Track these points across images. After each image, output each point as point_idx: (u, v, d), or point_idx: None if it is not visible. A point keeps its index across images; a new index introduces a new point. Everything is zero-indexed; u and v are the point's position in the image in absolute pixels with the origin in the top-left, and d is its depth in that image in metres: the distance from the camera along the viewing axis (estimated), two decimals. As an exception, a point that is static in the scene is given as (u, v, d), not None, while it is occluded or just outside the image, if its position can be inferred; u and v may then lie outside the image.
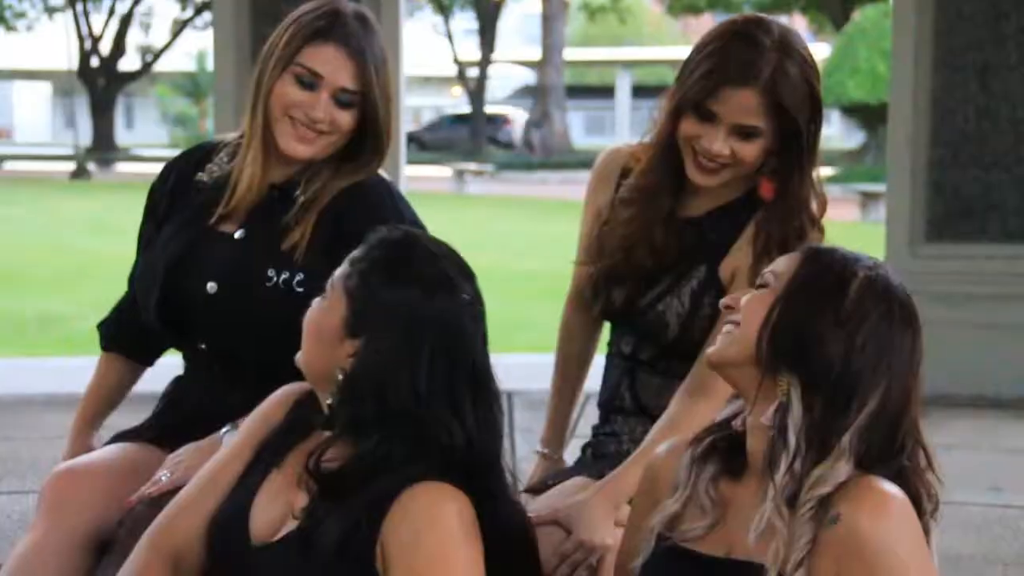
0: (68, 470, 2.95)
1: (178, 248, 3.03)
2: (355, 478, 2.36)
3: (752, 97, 2.90)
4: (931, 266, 5.47)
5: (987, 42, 5.42)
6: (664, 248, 3.04)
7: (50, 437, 4.53)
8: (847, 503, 2.22)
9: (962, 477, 4.23)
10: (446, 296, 2.42)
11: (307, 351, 2.48)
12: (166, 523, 2.54)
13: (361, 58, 2.94)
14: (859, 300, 2.32)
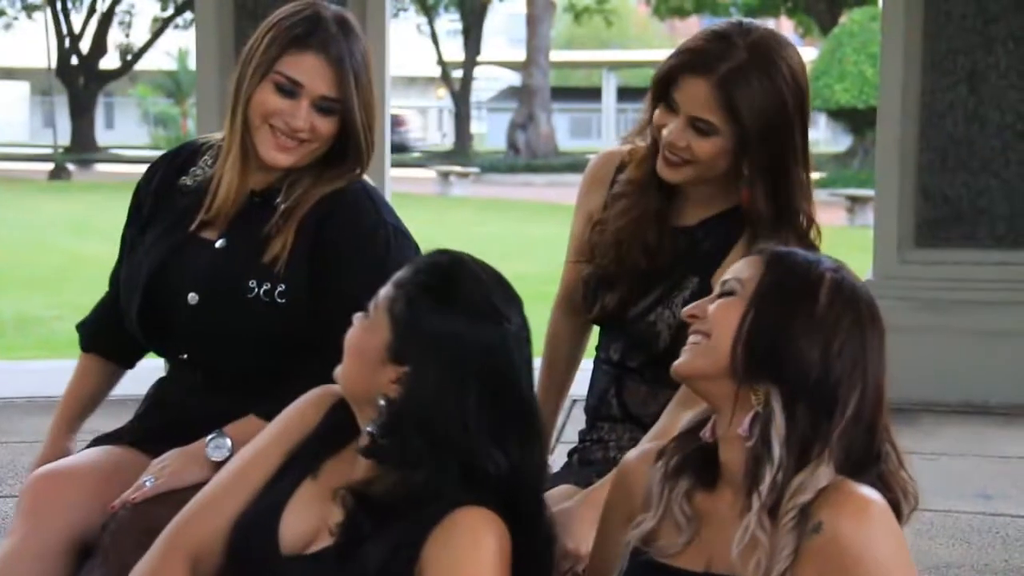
0: (48, 474, 2.93)
1: (160, 255, 3.02)
2: (400, 506, 2.35)
3: (704, 88, 2.89)
4: (919, 272, 5.48)
5: (976, 46, 5.43)
6: (657, 249, 3.04)
7: (30, 441, 4.52)
8: (827, 510, 2.22)
9: (951, 485, 4.24)
10: (493, 325, 2.41)
11: (348, 370, 2.45)
12: (187, 521, 2.50)
13: (341, 65, 2.92)
14: (830, 303, 2.32)
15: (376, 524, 2.35)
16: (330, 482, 2.44)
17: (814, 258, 2.38)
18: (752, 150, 2.91)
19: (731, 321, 2.31)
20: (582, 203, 3.23)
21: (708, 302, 2.37)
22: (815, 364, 2.29)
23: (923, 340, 5.35)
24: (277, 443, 2.53)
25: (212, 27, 5.22)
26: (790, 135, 2.93)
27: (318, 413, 2.53)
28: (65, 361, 6.47)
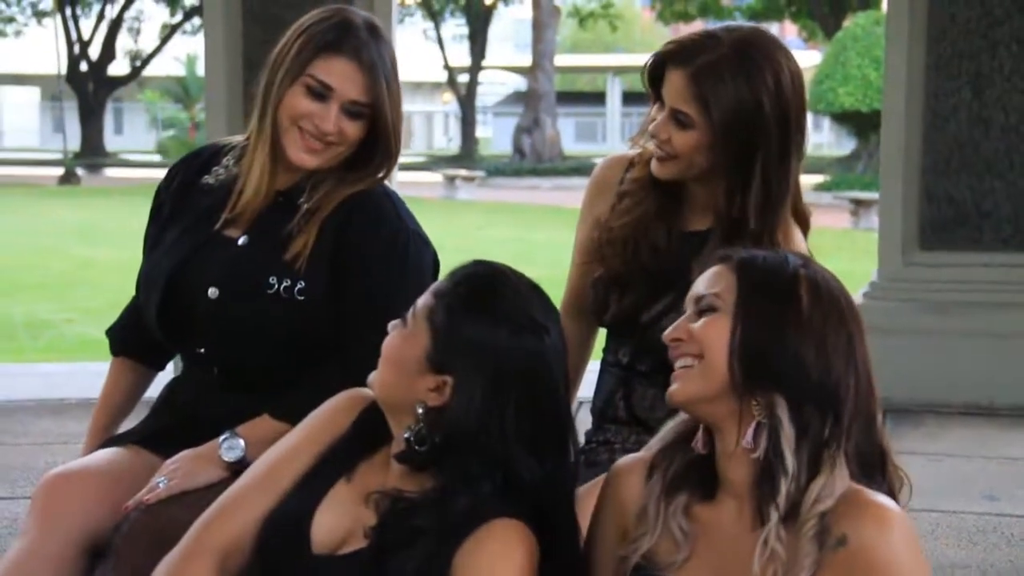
0: (61, 475, 2.94)
1: (182, 252, 3.04)
2: (434, 514, 2.35)
3: (680, 79, 2.90)
4: (924, 274, 5.47)
5: (980, 49, 5.43)
6: (666, 251, 3.03)
7: (40, 443, 4.53)
8: (850, 521, 2.20)
9: (956, 486, 4.23)
10: (533, 337, 2.40)
11: (385, 378, 2.45)
12: (215, 519, 2.49)
13: (372, 71, 2.95)
14: (813, 301, 2.30)
15: (409, 531, 2.35)
16: (363, 485, 2.44)
17: (780, 256, 2.35)
18: (717, 144, 2.90)
19: (721, 338, 2.28)
20: (589, 208, 3.22)
21: (688, 322, 2.32)
22: (813, 365, 2.26)
23: (928, 342, 5.34)
24: (308, 444, 2.52)
25: (220, 33, 5.22)
26: (763, 138, 2.90)
27: (350, 416, 2.53)
28: (75, 364, 6.52)
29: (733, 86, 2.87)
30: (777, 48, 2.96)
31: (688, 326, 2.32)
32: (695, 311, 2.33)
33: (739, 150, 2.90)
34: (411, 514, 2.36)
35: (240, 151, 3.08)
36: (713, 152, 2.92)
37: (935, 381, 5.26)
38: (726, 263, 2.33)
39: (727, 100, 2.87)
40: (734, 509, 2.32)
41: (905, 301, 5.46)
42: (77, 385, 4.99)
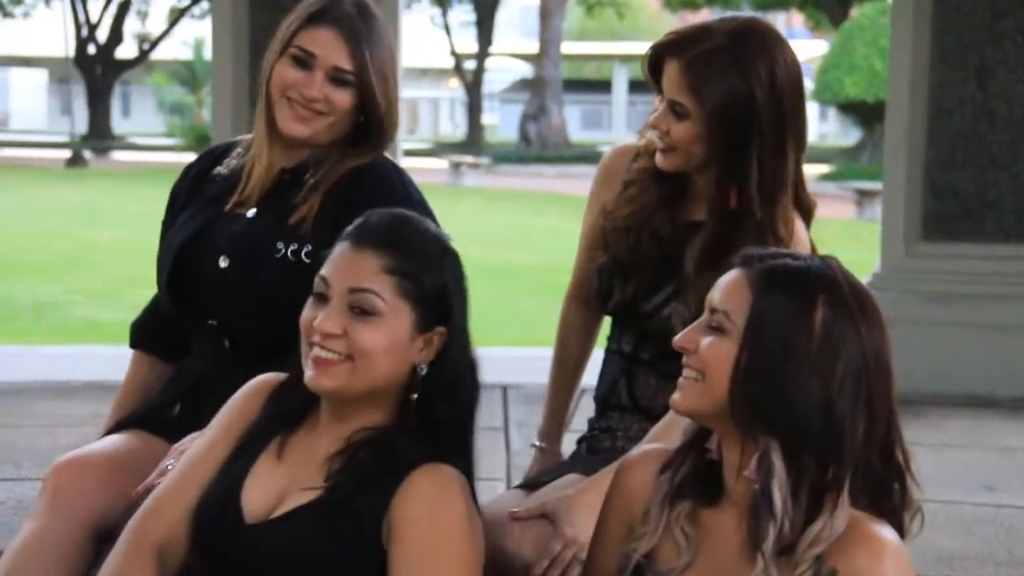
0: (71, 460, 2.96)
1: (193, 228, 3.09)
2: (383, 457, 2.44)
3: (675, 70, 2.92)
4: (926, 265, 5.47)
5: (985, 41, 5.42)
6: (668, 239, 3.04)
7: (44, 425, 4.54)
8: (842, 553, 2.17)
9: (956, 476, 4.24)
10: (458, 264, 2.56)
11: (381, 370, 2.48)
12: (148, 515, 2.56)
13: (355, 38, 2.99)
14: (827, 331, 2.20)
15: (354, 482, 2.43)
16: (287, 456, 2.52)
17: (804, 269, 2.25)
18: (711, 132, 2.90)
19: (724, 364, 2.22)
20: (596, 196, 3.23)
21: (699, 332, 2.26)
22: (816, 408, 2.19)
23: (929, 333, 5.35)
24: (226, 432, 2.60)
25: (228, 17, 5.23)
26: (757, 129, 2.89)
27: (260, 400, 2.61)
28: (79, 347, 6.52)
29: (724, 76, 2.88)
30: (772, 38, 2.94)
31: (697, 339, 2.26)
32: (707, 323, 2.26)
33: (733, 140, 2.90)
34: (356, 469, 2.44)
35: (249, 143, 3.14)
36: (708, 143, 2.93)
37: (936, 372, 5.27)
38: (746, 272, 2.25)
39: (719, 90, 2.88)
40: (735, 518, 2.29)
41: (907, 292, 5.46)
42: (81, 367, 5.01)
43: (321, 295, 2.51)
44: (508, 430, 4.63)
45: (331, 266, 2.51)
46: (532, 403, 4.67)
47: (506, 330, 10.26)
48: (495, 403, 4.95)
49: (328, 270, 2.51)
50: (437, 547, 2.39)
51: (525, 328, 10.05)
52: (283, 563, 2.44)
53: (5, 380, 5.16)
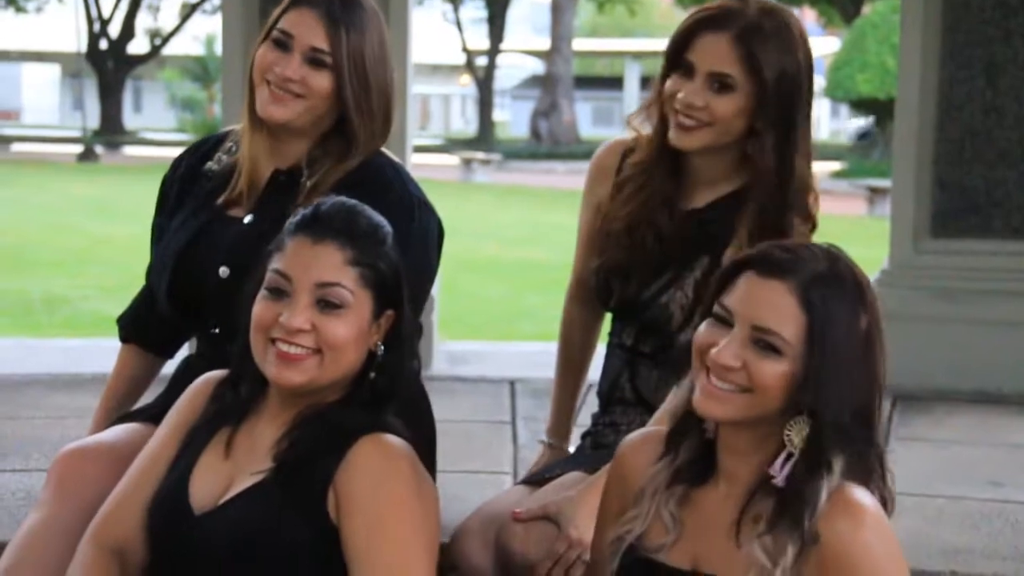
0: (76, 450, 2.97)
1: (189, 234, 3.07)
2: (327, 430, 2.49)
3: (724, 42, 2.92)
4: (934, 261, 5.47)
5: (995, 38, 5.42)
6: (669, 233, 3.05)
7: (54, 417, 4.56)
8: (824, 519, 2.22)
9: (962, 472, 4.24)
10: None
11: (347, 361, 2.54)
12: (106, 519, 2.62)
13: (333, 20, 2.98)
14: (870, 334, 2.28)
15: (298, 459, 2.47)
16: (232, 447, 2.56)
17: (841, 274, 2.28)
18: (768, 103, 2.92)
19: (779, 383, 2.25)
20: (589, 194, 3.24)
21: (743, 349, 2.26)
22: (862, 404, 2.27)
23: (938, 329, 5.34)
24: (174, 431, 2.65)
25: (238, 13, 5.24)
26: (800, 94, 2.97)
27: (204, 398, 2.66)
28: (89, 340, 6.54)
29: (777, 44, 2.93)
30: (790, 11, 3.04)
31: (744, 358, 2.27)
32: (753, 340, 2.26)
33: (786, 111, 2.96)
34: (308, 434, 2.49)
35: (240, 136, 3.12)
36: (754, 115, 2.94)
37: (944, 368, 5.27)
38: (788, 286, 2.26)
39: (774, 58, 2.93)
40: (723, 493, 2.35)
41: (915, 288, 5.46)
42: (91, 360, 5.02)
43: (280, 290, 2.51)
44: (515, 424, 4.64)
45: (290, 261, 2.50)
46: (539, 397, 4.68)
47: (517, 326, 10.28)
48: (503, 397, 4.96)
49: (287, 265, 2.50)
50: (386, 519, 2.41)
51: (536, 323, 10.06)
52: (234, 547, 2.45)
53: (16, 372, 5.18)
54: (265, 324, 2.50)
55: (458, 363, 5.65)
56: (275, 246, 2.56)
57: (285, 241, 2.54)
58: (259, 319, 2.51)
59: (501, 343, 7.06)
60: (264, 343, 2.51)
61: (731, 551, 2.29)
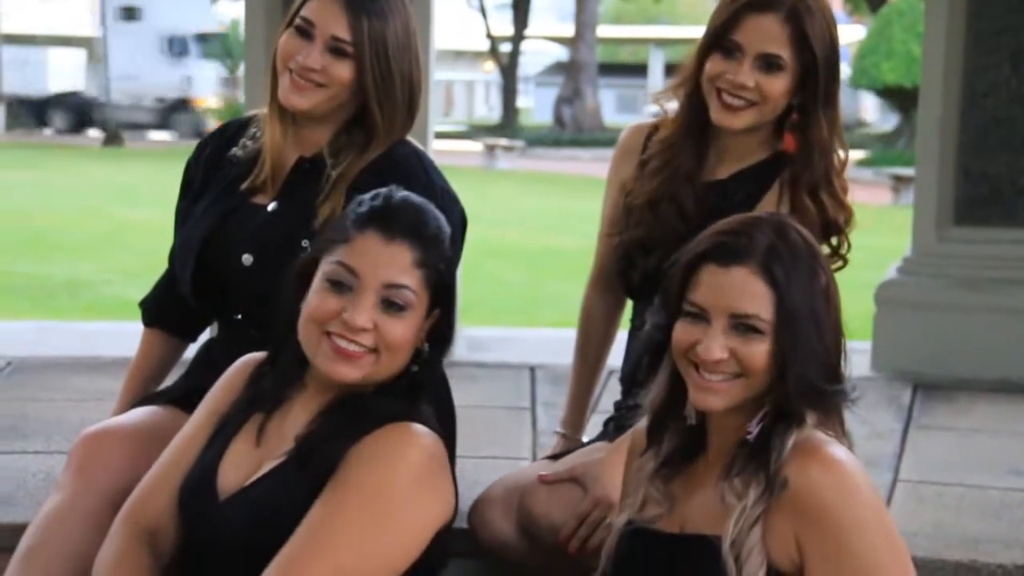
0: (97, 433, 2.99)
1: (213, 221, 3.07)
2: (357, 411, 2.50)
3: (775, 23, 2.97)
4: (957, 250, 5.45)
5: (1020, 26, 5.38)
6: (691, 207, 3.07)
7: (76, 399, 4.57)
8: (793, 465, 2.29)
9: (983, 460, 4.23)
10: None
11: (400, 360, 2.55)
12: (138, 503, 2.63)
13: (355, 9, 2.97)
14: (828, 288, 2.39)
15: (322, 436, 2.48)
16: (265, 439, 2.56)
17: (793, 243, 2.37)
18: (818, 79, 3.00)
19: (765, 358, 2.34)
20: (614, 175, 3.27)
21: (727, 339, 2.34)
22: (832, 358, 2.37)
23: (960, 318, 5.33)
24: (208, 416, 2.65)
25: (261, -1, 5.24)
26: (839, 67, 3.05)
27: (243, 380, 2.65)
28: (113, 323, 6.57)
29: (822, 22, 3.01)
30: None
31: (731, 346, 2.34)
32: (734, 327, 2.34)
33: (831, 80, 3.04)
34: (338, 416, 2.49)
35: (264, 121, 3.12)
36: (799, 93, 2.98)
37: (967, 357, 5.25)
38: (751, 268, 2.34)
39: (820, 35, 3.02)
40: (710, 461, 2.42)
41: (938, 276, 5.45)
42: (113, 343, 5.04)
43: (344, 285, 2.48)
44: (535, 410, 4.64)
45: (359, 256, 2.48)
46: (559, 384, 4.68)
47: (539, 312, 10.28)
48: (523, 383, 4.96)
49: (355, 260, 2.48)
50: (366, 492, 2.39)
51: (557, 310, 10.07)
52: (253, 529, 2.44)
53: (39, 354, 5.20)
54: (324, 316, 2.48)
55: (479, 349, 5.65)
56: (337, 235, 2.53)
57: (352, 233, 2.50)
58: (319, 311, 2.48)
59: (522, 329, 7.08)
60: (319, 334, 2.49)
61: (718, 505, 2.34)
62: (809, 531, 2.27)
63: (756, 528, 2.28)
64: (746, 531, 2.28)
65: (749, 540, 2.28)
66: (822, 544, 2.26)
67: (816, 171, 3.04)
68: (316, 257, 2.54)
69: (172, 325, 3.29)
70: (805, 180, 3.04)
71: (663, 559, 2.39)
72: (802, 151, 3.04)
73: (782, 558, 2.29)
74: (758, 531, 2.28)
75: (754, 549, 2.27)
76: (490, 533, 3.06)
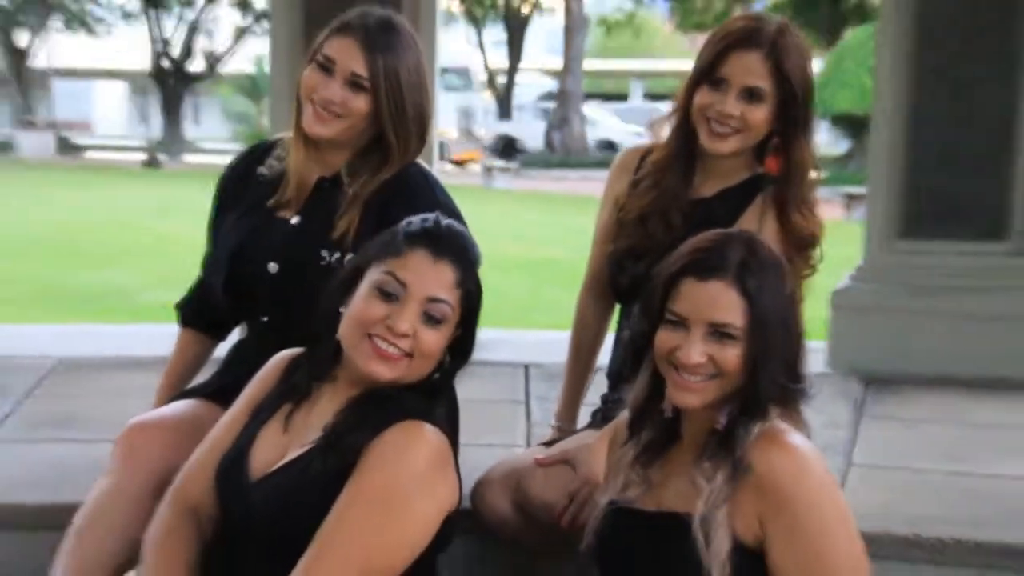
0: (142, 423, 2.99)
1: (242, 233, 3.08)
2: (381, 404, 2.49)
3: (757, 59, 2.97)
4: (905, 260, 5.46)
5: (959, 62, 5.40)
6: (679, 223, 3.09)
7: (118, 394, 4.57)
8: (757, 451, 2.31)
9: (926, 447, 4.24)
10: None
11: (429, 367, 2.55)
12: (183, 483, 2.64)
13: (372, 48, 2.98)
14: (792, 292, 2.41)
15: (347, 426, 2.48)
16: (293, 427, 2.56)
17: (761, 255, 2.39)
18: (797, 106, 3.01)
19: (739, 360, 2.35)
20: (609, 190, 3.28)
21: (705, 346, 2.36)
22: (794, 356, 2.39)
23: (907, 320, 5.33)
24: (246, 405, 2.66)
25: (285, 36, 5.24)
26: (813, 96, 3.07)
27: (278, 373, 2.65)
28: (152, 326, 6.56)
29: (798, 56, 3.03)
30: (799, 31, 3.11)
31: (708, 351, 2.36)
32: (710, 334, 2.36)
33: (808, 106, 3.05)
34: (364, 408, 2.49)
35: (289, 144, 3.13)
36: (781, 119, 3.00)
37: (912, 355, 5.26)
38: (725, 281, 2.36)
39: (797, 68, 3.03)
40: (684, 448, 2.44)
41: (888, 284, 5.45)
42: (151, 344, 5.01)
43: (391, 295, 2.49)
44: (529, 403, 4.64)
45: (409, 271, 2.48)
46: (551, 379, 4.69)
47: (535, 316, 10.27)
48: (518, 380, 4.96)
49: (406, 275, 2.48)
50: (370, 494, 2.38)
51: (551, 314, 10.06)
52: (278, 511, 2.44)
53: (84, 354, 5.20)
54: (370, 320, 2.48)
55: (480, 349, 5.61)
56: (388, 249, 2.53)
57: (403, 248, 2.51)
58: (366, 314, 2.48)
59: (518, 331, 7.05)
60: (361, 336, 2.49)
61: (688, 489, 2.36)
62: (770, 509, 2.28)
63: (723, 507, 2.29)
64: (714, 509, 2.29)
65: (717, 517, 2.29)
66: (780, 520, 2.28)
67: (800, 189, 3.05)
68: (362, 267, 2.55)
69: (204, 326, 3.30)
70: (791, 197, 3.04)
71: (641, 534, 2.40)
72: (786, 171, 3.05)
73: (746, 534, 2.30)
74: (725, 509, 2.30)
75: (721, 525, 2.29)
76: (489, 512, 3.07)
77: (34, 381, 4.76)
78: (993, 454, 4.15)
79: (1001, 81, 5.38)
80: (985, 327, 5.26)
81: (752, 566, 2.30)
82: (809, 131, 3.07)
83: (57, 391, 4.68)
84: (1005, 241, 5.41)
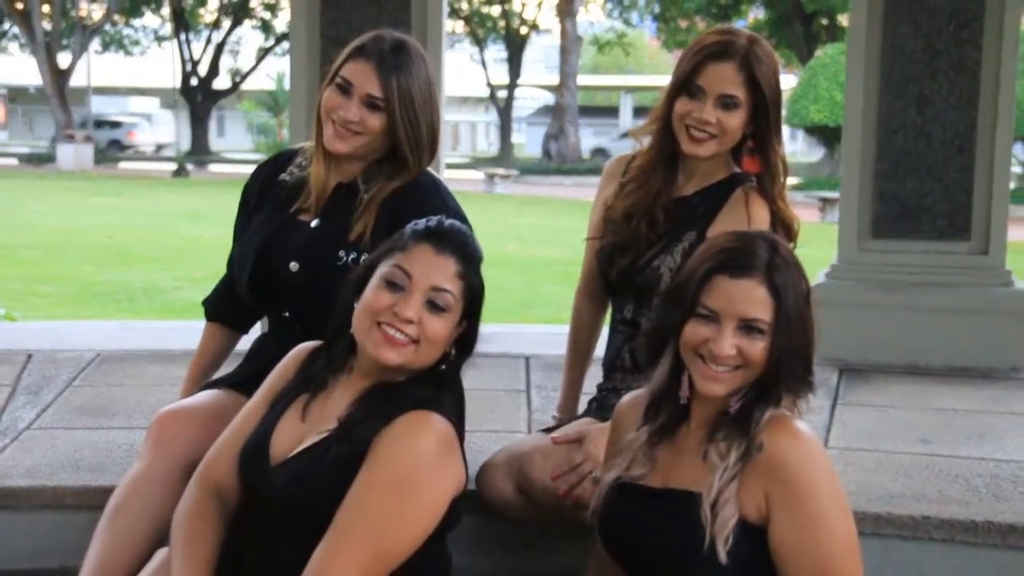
0: (171, 411, 2.99)
1: (267, 234, 3.08)
2: (392, 395, 2.47)
3: (731, 70, 2.98)
4: (875, 258, 5.45)
5: (924, 75, 5.39)
6: (661, 220, 3.10)
7: (152, 384, 4.57)
8: (768, 434, 2.31)
9: (896, 431, 4.23)
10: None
11: (434, 354, 2.53)
12: (208, 465, 2.62)
13: (386, 71, 2.98)
14: (810, 300, 2.39)
15: (360, 417, 2.45)
16: (310, 415, 2.54)
17: (786, 256, 2.38)
18: (768, 112, 3.01)
19: (764, 354, 2.35)
20: (599, 193, 3.31)
21: (736, 339, 2.34)
22: (808, 352, 2.38)
23: (877, 314, 5.33)
24: (267, 393, 2.64)
25: (304, 55, 5.23)
26: (781, 103, 3.07)
27: (297, 364, 2.64)
28: (181, 322, 6.56)
29: (768, 64, 3.03)
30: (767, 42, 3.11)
31: (737, 344, 2.35)
32: (740, 328, 2.34)
33: (778, 110, 3.05)
34: (375, 399, 2.47)
35: (311, 153, 3.14)
36: (752, 124, 2.99)
37: (882, 346, 5.25)
38: (758, 280, 2.34)
39: (768, 76, 3.03)
40: (693, 428, 2.42)
41: (859, 280, 5.44)
42: (182, 339, 5.01)
43: (397, 285, 2.49)
44: (529, 392, 4.63)
45: (414, 263, 2.48)
46: (550, 370, 4.68)
47: (533, 311, 10.28)
48: (519, 370, 4.95)
49: (410, 266, 2.48)
50: (392, 477, 2.36)
51: (549, 309, 10.07)
52: (295, 494, 2.43)
53: (122, 348, 5.19)
54: (378, 309, 2.47)
55: (483, 342, 5.58)
56: (395, 246, 2.53)
57: (408, 244, 2.51)
58: (374, 303, 2.48)
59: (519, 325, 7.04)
60: (371, 324, 2.48)
61: (698, 466, 2.35)
62: (776, 487, 2.28)
63: (734, 483, 2.29)
64: (726, 485, 2.29)
65: (726, 492, 2.29)
66: (784, 497, 2.28)
67: (778, 183, 3.07)
68: (373, 265, 2.55)
69: (229, 320, 3.29)
70: (774, 193, 3.06)
71: (647, 510, 2.40)
72: (765, 170, 3.06)
73: (751, 510, 2.30)
74: (735, 486, 2.29)
75: (730, 500, 2.29)
76: (493, 493, 3.06)
77: (75, 372, 4.75)
78: (958, 437, 4.14)
79: (961, 95, 5.37)
80: (950, 320, 5.25)
81: (751, 540, 2.29)
82: (779, 133, 3.08)
83: (97, 382, 4.68)
84: (967, 241, 5.41)
